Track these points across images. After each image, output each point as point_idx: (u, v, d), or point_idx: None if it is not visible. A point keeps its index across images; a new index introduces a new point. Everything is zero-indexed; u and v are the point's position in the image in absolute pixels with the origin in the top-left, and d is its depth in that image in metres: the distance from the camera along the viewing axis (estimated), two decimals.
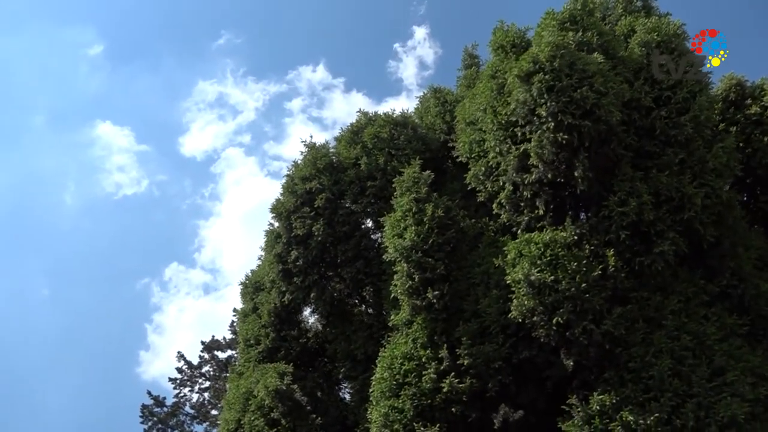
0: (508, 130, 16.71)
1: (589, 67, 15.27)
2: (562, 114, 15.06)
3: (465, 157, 19.02)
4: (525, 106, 15.76)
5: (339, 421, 20.47)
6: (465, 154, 18.97)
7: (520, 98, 15.81)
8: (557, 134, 15.10)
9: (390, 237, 17.70)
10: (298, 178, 21.16)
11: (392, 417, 16.42)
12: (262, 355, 22.53)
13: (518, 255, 15.66)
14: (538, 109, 15.48)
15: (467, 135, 18.81)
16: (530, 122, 15.73)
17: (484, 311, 16.68)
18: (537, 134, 15.43)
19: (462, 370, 16.29)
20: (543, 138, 15.33)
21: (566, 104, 15.05)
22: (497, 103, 17.15)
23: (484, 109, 17.78)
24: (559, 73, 15.23)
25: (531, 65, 15.59)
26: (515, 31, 18.29)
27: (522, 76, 15.71)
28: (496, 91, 17.26)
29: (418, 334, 17.34)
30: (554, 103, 15.07)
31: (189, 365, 40.65)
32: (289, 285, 21.17)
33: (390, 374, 17.02)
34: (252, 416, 20.24)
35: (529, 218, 16.60)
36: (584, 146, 15.22)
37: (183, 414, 40.11)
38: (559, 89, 15.13)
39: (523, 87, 15.73)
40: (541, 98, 15.34)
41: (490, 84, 17.60)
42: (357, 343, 20.49)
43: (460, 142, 19.33)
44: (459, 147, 19.37)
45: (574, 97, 15.01)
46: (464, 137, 18.98)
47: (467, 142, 18.77)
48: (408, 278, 17.07)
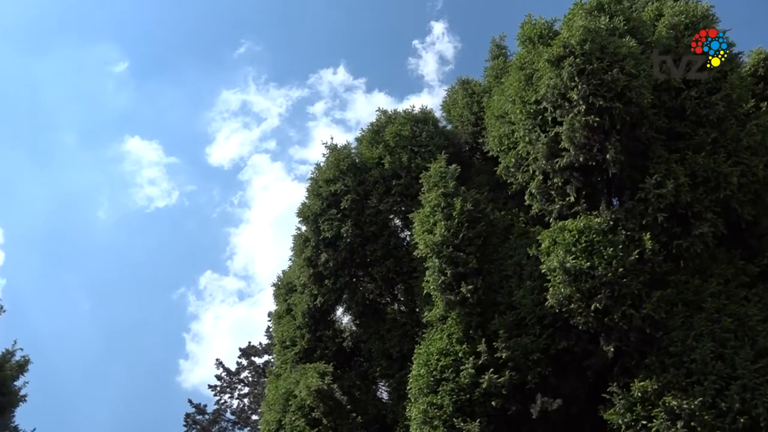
0: (536, 118, 16.56)
1: (620, 50, 15.13)
2: (593, 96, 14.93)
3: (495, 152, 18.90)
4: (555, 90, 15.61)
5: (378, 419, 20.47)
6: (495, 148, 18.85)
7: (551, 82, 15.68)
8: (588, 117, 14.94)
9: (419, 233, 17.65)
10: (323, 180, 21.22)
11: (431, 413, 16.35)
12: (298, 356, 22.63)
13: (552, 243, 15.49)
14: (569, 92, 15.34)
15: (496, 129, 18.69)
16: (560, 107, 15.57)
17: (519, 303, 16.54)
18: (568, 117, 15.25)
19: (500, 364, 16.16)
20: (574, 121, 15.16)
21: (597, 87, 14.91)
22: (526, 93, 17.04)
23: (513, 100, 17.66)
24: (590, 56, 15.12)
25: (562, 49, 15.50)
26: (543, 23, 18.19)
27: (552, 60, 15.61)
28: (525, 81, 17.15)
29: (454, 330, 17.24)
30: (585, 86, 14.96)
31: (228, 372, 41.13)
32: (320, 288, 21.25)
33: (427, 371, 16.95)
34: (293, 416, 20.29)
35: (561, 206, 16.37)
36: (616, 129, 15.03)
37: (224, 420, 40.61)
38: (590, 72, 15.02)
39: (554, 71, 15.60)
40: (572, 81, 15.21)
41: (519, 75, 17.51)
42: (391, 341, 20.45)
43: (489, 137, 19.22)
44: (489, 142, 19.26)
45: (605, 79, 14.87)
46: (494, 131, 18.87)
47: (497, 136, 18.65)
48: (440, 274, 16.99)
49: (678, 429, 13.67)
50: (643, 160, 15.53)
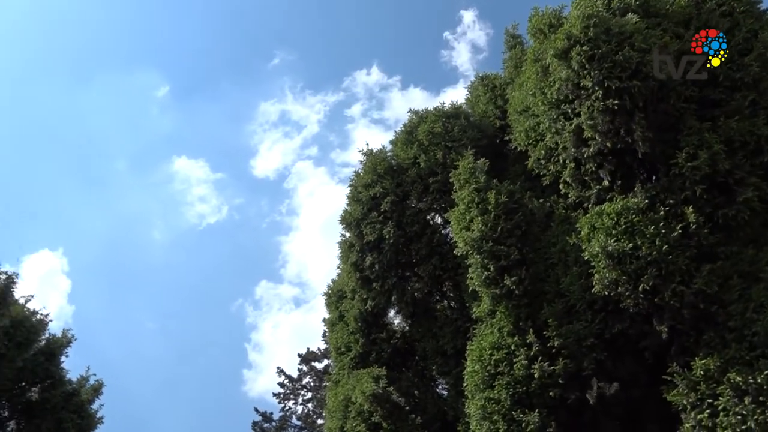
0: (559, 107, 16.34)
1: (625, 28, 14.78)
2: (607, 80, 14.63)
3: (523, 146, 18.73)
4: (568, 81, 15.41)
5: (438, 417, 20.56)
6: (522, 142, 18.68)
7: (562, 75, 15.48)
8: (607, 101, 14.66)
9: (457, 231, 17.64)
10: (361, 186, 21.45)
11: (489, 408, 16.34)
12: (354, 361, 22.94)
13: (591, 229, 15.23)
14: (582, 81, 15.10)
15: (521, 124, 18.54)
16: (578, 96, 15.35)
17: (566, 290, 16.33)
18: (586, 106, 15.01)
19: (553, 353, 15.99)
20: (593, 108, 14.90)
21: (610, 69, 14.61)
22: (544, 85, 16.83)
23: (533, 93, 17.50)
24: (596, 41, 14.84)
25: (566, 42, 15.26)
26: (550, 12, 17.88)
27: (559, 53, 15.40)
28: (541, 73, 16.92)
29: (503, 323, 17.17)
30: (597, 71, 14.69)
31: (290, 379, 42.03)
32: (369, 291, 21.48)
33: (481, 366, 16.94)
34: (353, 422, 20.63)
35: (597, 191, 16.10)
36: (638, 107, 14.67)
37: (291, 426, 41.54)
38: (599, 57, 14.74)
39: (563, 64, 15.40)
40: (583, 70, 14.96)
41: (535, 68, 17.31)
42: (444, 338, 20.51)
43: (515, 132, 19.07)
44: (515, 137, 19.10)
45: (617, 60, 14.56)
46: (519, 126, 18.71)
47: (522, 131, 18.49)
48: (483, 269, 16.94)
49: (746, 405, 13.22)
50: (674, 134, 15.08)
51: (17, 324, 24.80)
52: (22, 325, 25.04)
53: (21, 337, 24.87)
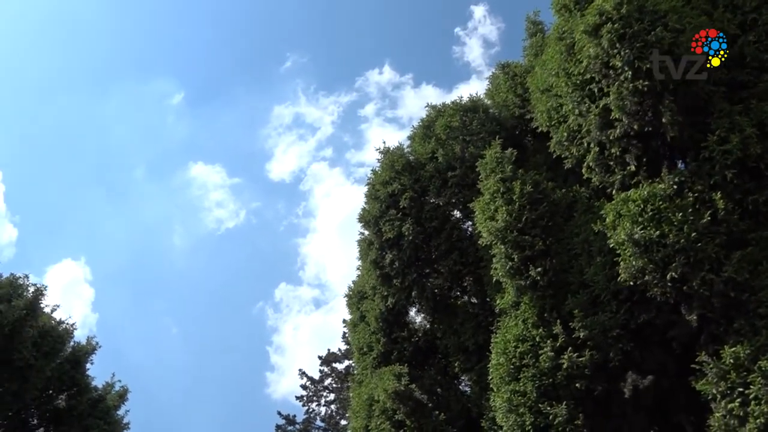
0: (584, 89, 16.05)
1: (659, 6, 14.48)
2: (638, 60, 14.34)
3: (545, 126, 18.42)
4: (597, 60, 15.12)
5: (462, 414, 20.39)
6: (544, 123, 18.37)
7: (591, 53, 15.20)
8: (636, 82, 14.37)
9: (482, 221, 17.50)
10: (379, 183, 21.39)
11: (515, 401, 16.17)
12: (376, 360, 22.84)
13: (617, 216, 14.98)
14: (611, 60, 14.83)
15: (543, 103, 18.22)
16: (606, 76, 15.07)
17: (591, 280, 16.12)
18: (615, 86, 14.74)
19: (579, 344, 15.81)
20: (622, 89, 14.62)
21: (641, 49, 14.32)
22: (569, 65, 16.53)
23: (556, 73, 17.17)
24: (628, 19, 14.54)
25: (598, 17, 14.95)
26: None
27: (589, 30, 15.10)
28: (566, 52, 16.63)
29: (528, 314, 17.00)
30: (628, 50, 14.40)
31: (312, 381, 41.98)
32: (389, 288, 21.39)
33: (506, 359, 16.77)
34: (377, 421, 20.49)
35: (622, 176, 15.77)
36: (668, 90, 14.37)
37: (314, 428, 41.45)
38: (631, 35, 14.45)
39: (593, 41, 15.11)
40: (613, 48, 14.69)
41: (559, 46, 17.00)
42: (466, 334, 20.35)
43: (537, 112, 18.75)
44: (537, 117, 18.80)
45: (649, 40, 14.26)
46: (540, 106, 18.40)
47: (544, 111, 18.17)
48: (507, 260, 16.78)
49: None
50: (703, 117, 14.78)
51: (44, 334, 25.12)
52: (49, 335, 25.37)
53: (48, 347, 25.19)
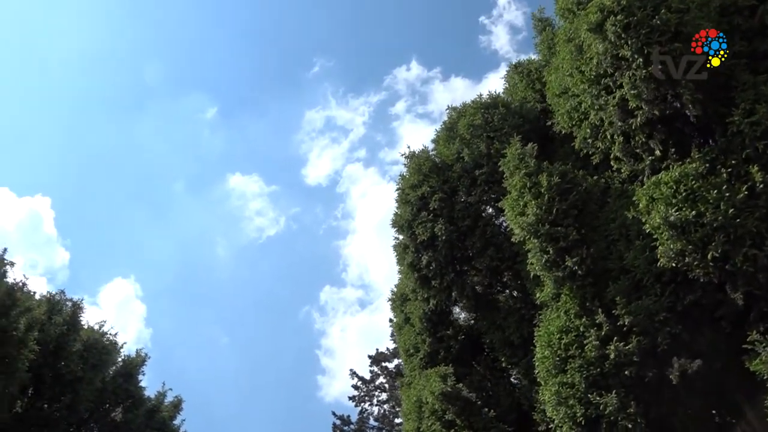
0: (599, 83, 16.00)
1: None
2: (647, 46, 14.20)
3: (567, 128, 18.36)
4: (606, 54, 15.08)
5: (513, 408, 20.33)
6: (566, 124, 18.32)
7: (600, 49, 15.16)
8: (648, 68, 14.17)
9: (512, 218, 17.44)
10: (408, 187, 21.50)
11: (564, 393, 16.05)
12: (423, 361, 22.93)
13: (650, 200, 14.74)
14: (620, 51, 14.71)
15: (562, 106, 18.23)
16: (617, 68, 14.94)
17: (631, 265, 15.87)
18: (627, 77, 14.58)
19: (625, 331, 15.59)
20: (635, 78, 14.46)
21: (648, 35, 14.17)
22: (580, 63, 16.55)
23: (570, 73, 17.21)
24: (630, 9, 14.48)
25: (599, 15, 14.94)
26: None
27: (594, 27, 15.09)
28: (576, 52, 16.68)
29: (569, 305, 16.84)
30: (635, 39, 14.31)
31: (363, 381, 42.34)
32: (429, 290, 21.47)
33: (551, 352, 16.66)
34: (428, 422, 20.62)
35: (651, 162, 15.57)
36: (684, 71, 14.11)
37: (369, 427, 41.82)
38: (635, 24, 14.36)
39: (599, 37, 15.07)
40: (620, 40, 14.59)
41: (568, 48, 17.06)
42: (510, 328, 20.26)
43: (557, 116, 18.74)
44: (558, 121, 18.75)
45: (654, 25, 14.10)
46: (560, 109, 18.40)
47: (564, 114, 18.17)
48: (542, 253, 16.67)
49: None
50: (726, 92, 14.44)
51: (89, 347, 26.01)
52: (94, 347, 26.28)
53: (95, 359, 26.16)
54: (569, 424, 16.04)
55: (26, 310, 21.52)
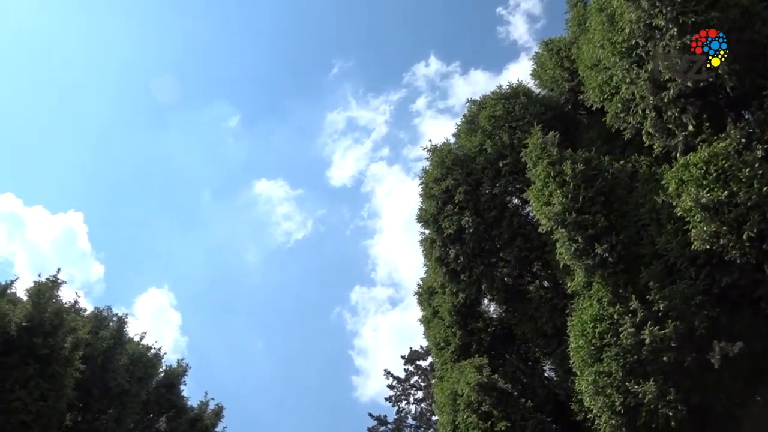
0: (630, 55, 15.50)
1: None
2: (682, 16, 13.71)
3: (598, 102, 17.90)
4: (639, 23, 14.56)
5: (549, 399, 20.11)
6: (597, 98, 17.86)
7: (633, 17, 14.65)
8: (684, 38, 13.71)
9: (538, 209, 17.20)
10: (432, 181, 21.35)
11: (601, 382, 15.78)
12: (455, 354, 22.82)
13: (679, 183, 14.37)
14: (654, 20, 14.21)
15: (593, 79, 17.73)
16: (651, 37, 14.46)
17: (664, 249, 15.51)
18: (662, 46, 14.10)
19: (660, 316, 15.25)
20: (669, 48, 13.98)
21: (684, 3, 13.67)
22: (612, 34, 16.05)
23: (601, 45, 16.68)
24: None
25: None
26: None
27: None
28: (608, 22, 16.18)
29: (601, 294, 16.55)
30: (669, 7, 13.78)
31: (398, 380, 42.26)
32: (458, 284, 21.32)
33: (585, 341, 16.39)
34: (463, 414, 20.44)
35: (684, 138, 15.09)
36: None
37: (406, 427, 41.73)
38: None
39: (632, 5, 14.57)
40: (654, 8, 14.07)
41: (600, 18, 16.56)
42: (542, 319, 20.02)
43: (588, 89, 18.27)
44: (589, 94, 18.29)
45: None
46: (591, 82, 17.91)
47: (596, 86, 17.68)
48: (571, 242, 16.41)
49: None
50: (764, 62, 13.93)
51: (135, 360, 26.62)
52: (140, 360, 26.90)
53: (140, 372, 26.78)
54: (608, 414, 15.78)
55: (72, 330, 22.22)
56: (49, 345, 20.80)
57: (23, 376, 20.04)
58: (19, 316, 20.75)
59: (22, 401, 19.55)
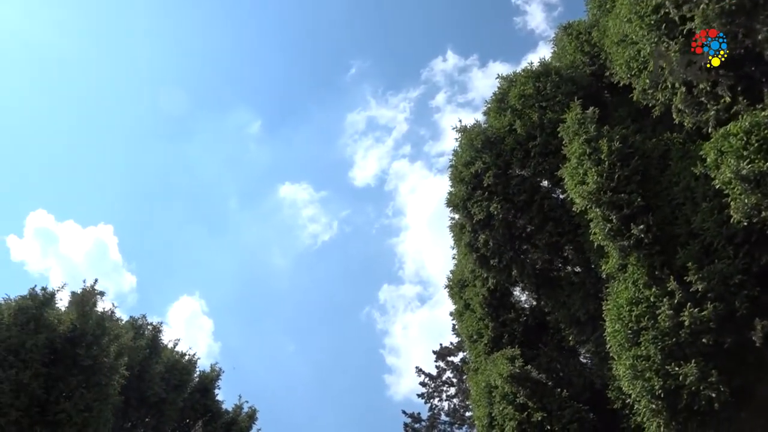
0: (660, 28, 15.00)
1: None
2: None
3: (626, 79, 17.39)
4: None
5: (586, 387, 19.67)
6: (625, 75, 17.34)
7: None
8: (722, 2, 13.15)
9: (572, 187, 16.81)
10: (461, 165, 20.96)
11: (640, 366, 15.36)
12: (488, 347, 22.52)
13: (718, 154, 13.90)
14: None
15: (620, 55, 17.21)
16: (685, 2, 13.94)
17: (700, 228, 15.04)
18: (699, 10, 13.53)
19: (699, 297, 14.80)
20: (707, 12, 13.42)
21: None
22: (640, 7, 15.55)
23: (629, 19, 16.16)
24: None
25: None
26: None
27: None
28: None
29: (637, 275, 16.11)
30: None
31: (430, 377, 42.12)
32: (488, 270, 21.01)
33: (622, 325, 15.99)
34: (499, 407, 20.20)
35: (717, 112, 14.59)
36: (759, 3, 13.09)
37: (441, 423, 41.54)
38: None
39: None
40: None
41: None
42: (575, 305, 19.58)
43: (615, 66, 17.73)
44: (616, 71, 17.76)
45: None
46: (618, 58, 17.38)
47: (623, 62, 17.13)
48: (606, 222, 16.02)
49: None
50: None
51: (170, 368, 26.97)
52: (175, 368, 27.27)
53: (176, 380, 27.14)
54: (647, 398, 15.37)
55: (115, 337, 22.60)
56: (92, 355, 21.04)
57: (68, 387, 20.21)
58: (64, 327, 20.98)
59: (67, 413, 19.73)
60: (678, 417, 15.09)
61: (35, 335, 19.95)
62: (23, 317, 20.19)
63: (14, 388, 18.97)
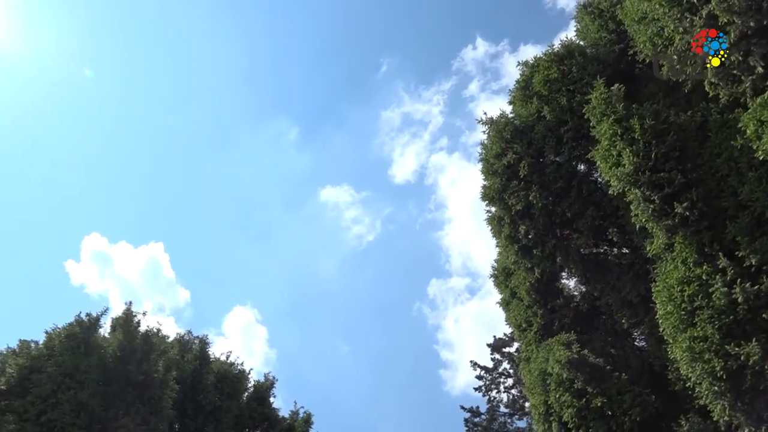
0: (682, 3, 14.48)
1: None
2: None
3: (651, 56, 16.82)
4: None
5: (645, 369, 19.12)
6: (649, 53, 16.77)
7: None
8: None
9: (606, 170, 16.31)
10: (492, 157, 20.61)
11: (697, 348, 14.83)
12: (538, 335, 22.18)
13: (759, 124, 13.29)
14: None
15: (643, 33, 16.62)
16: None
17: (748, 199, 14.43)
18: None
19: (753, 272, 14.21)
20: None
21: None
22: None
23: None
24: None
25: None
26: None
27: None
28: None
29: (686, 254, 15.52)
30: None
31: (486, 370, 41.78)
32: (532, 260, 20.63)
33: (674, 306, 15.45)
34: (555, 394, 19.78)
35: (752, 82, 13.95)
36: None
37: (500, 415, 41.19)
38: None
39: None
40: None
41: None
42: (626, 288, 19.00)
43: (639, 44, 17.14)
44: (641, 50, 17.20)
45: None
46: (641, 36, 16.80)
47: (646, 40, 16.56)
48: (647, 203, 15.50)
49: None
50: None
51: (222, 378, 27.66)
52: (226, 377, 27.88)
53: (229, 388, 27.76)
54: (708, 380, 14.84)
55: (162, 352, 23.54)
56: (143, 371, 21.98)
57: (125, 403, 21.18)
58: (113, 347, 22.03)
59: (126, 428, 20.64)
60: (743, 397, 14.54)
61: (87, 357, 21.06)
62: (73, 342, 21.34)
63: (74, 408, 20.03)
